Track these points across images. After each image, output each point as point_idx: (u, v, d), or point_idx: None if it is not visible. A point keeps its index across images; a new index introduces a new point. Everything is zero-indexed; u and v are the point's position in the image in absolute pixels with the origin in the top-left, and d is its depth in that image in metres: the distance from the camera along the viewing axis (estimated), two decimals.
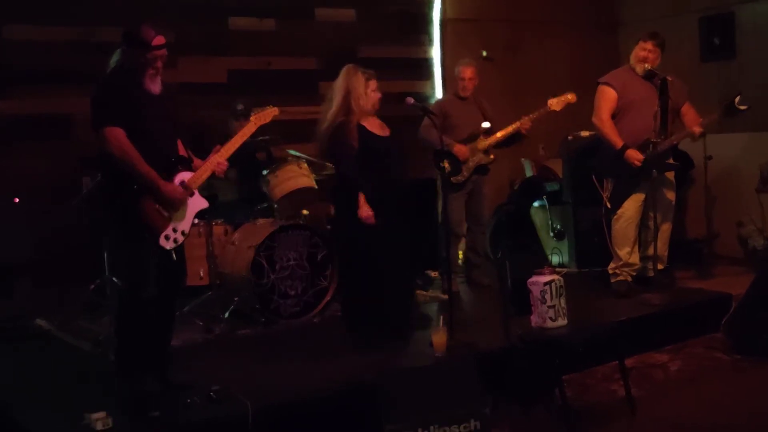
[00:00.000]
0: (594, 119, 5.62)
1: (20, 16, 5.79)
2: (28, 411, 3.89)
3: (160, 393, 3.84)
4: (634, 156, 5.38)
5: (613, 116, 5.57)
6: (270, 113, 4.32)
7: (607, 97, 5.56)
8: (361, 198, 4.63)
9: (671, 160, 5.64)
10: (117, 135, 3.66)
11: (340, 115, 4.69)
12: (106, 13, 5.87)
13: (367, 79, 4.73)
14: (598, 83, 5.65)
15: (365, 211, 4.61)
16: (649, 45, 5.52)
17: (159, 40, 3.73)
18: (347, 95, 4.69)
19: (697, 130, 5.41)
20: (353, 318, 4.83)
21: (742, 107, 5.31)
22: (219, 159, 3.99)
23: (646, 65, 5.45)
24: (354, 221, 4.63)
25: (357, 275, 4.76)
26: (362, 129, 4.71)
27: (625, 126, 5.50)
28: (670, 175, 5.65)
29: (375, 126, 4.80)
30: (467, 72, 6.02)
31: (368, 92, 4.72)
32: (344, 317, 4.94)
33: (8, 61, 5.75)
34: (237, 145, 4.06)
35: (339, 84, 4.74)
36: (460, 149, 5.86)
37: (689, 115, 5.57)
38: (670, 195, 5.66)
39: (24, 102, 5.83)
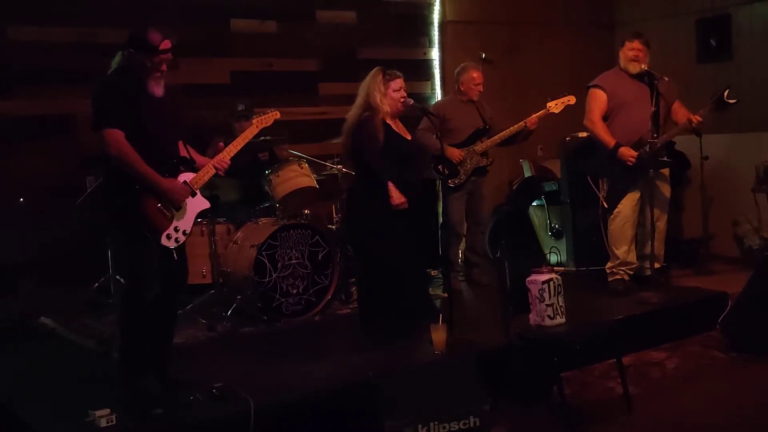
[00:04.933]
0: (585, 122, 5.67)
1: (22, 17, 5.80)
2: (33, 408, 3.92)
3: (162, 391, 3.85)
4: (628, 154, 5.42)
5: (606, 117, 5.60)
6: (272, 117, 4.37)
7: (598, 99, 5.60)
8: (391, 186, 4.61)
9: (665, 158, 5.68)
10: (116, 137, 3.66)
11: (361, 113, 4.68)
12: (107, 14, 5.89)
13: (388, 80, 4.69)
14: (588, 87, 5.69)
15: (397, 197, 4.60)
16: (636, 44, 5.55)
17: (166, 44, 3.75)
18: (367, 96, 4.69)
19: (696, 118, 5.38)
20: (373, 317, 4.77)
21: (731, 101, 5.34)
22: (221, 158, 4.02)
23: (642, 66, 5.48)
24: (372, 219, 4.64)
25: (376, 273, 4.75)
26: (388, 127, 4.69)
27: (618, 126, 5.54)
28: (665, 170, 5.69)
29: (400, 128, 4.79)
30: (479, 76, 6.03)
31: (389, 92, 4.69)
32: (363, 316, 4.88)
33: (10, 61, 5.76)
34: (239, 147, 4.10)
35: (362, 85, 4.75)
36: (452, 152, 5.86)
37: (680, 112, 5.61)
38: (666, 190, 5.70)
39: (26, 102, 5.84)
